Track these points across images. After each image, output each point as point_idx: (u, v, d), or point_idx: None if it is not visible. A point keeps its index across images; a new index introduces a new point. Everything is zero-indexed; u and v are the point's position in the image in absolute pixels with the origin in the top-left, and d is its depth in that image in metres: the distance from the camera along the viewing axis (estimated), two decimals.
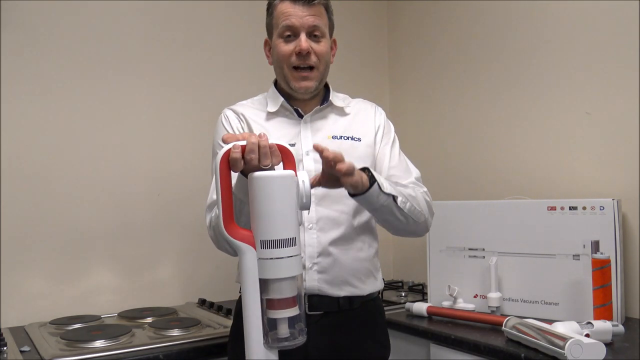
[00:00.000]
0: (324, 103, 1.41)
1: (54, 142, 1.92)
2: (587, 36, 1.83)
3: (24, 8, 1.87)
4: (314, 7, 1.32)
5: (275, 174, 0.99)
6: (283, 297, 0.96)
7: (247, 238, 0.98)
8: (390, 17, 2.65)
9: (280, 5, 1.33)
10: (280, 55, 1.34)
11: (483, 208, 1.84)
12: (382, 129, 1.45)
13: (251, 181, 0.98)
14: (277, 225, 0.96)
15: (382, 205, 1.23)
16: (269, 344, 0.97)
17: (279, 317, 0.96)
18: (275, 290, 0.96)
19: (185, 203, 2.11)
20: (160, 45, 2.11)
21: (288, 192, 0.98)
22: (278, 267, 0.96)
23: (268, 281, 0.96)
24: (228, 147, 1.00)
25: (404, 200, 1.26)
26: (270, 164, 1.00)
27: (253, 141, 0.99)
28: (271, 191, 0.97)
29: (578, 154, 1.86)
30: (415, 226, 1.32)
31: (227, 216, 0.99)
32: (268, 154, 1.00)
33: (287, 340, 0.97)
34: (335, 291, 1.33)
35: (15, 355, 1.45)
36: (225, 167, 0.99)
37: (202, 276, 2.15)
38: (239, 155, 0.99)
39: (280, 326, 0.97)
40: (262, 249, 0.96)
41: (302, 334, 0.99)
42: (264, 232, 0.96)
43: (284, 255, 0.96)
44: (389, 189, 1.22)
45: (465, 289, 1.83)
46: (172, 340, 1.55)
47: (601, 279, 1.54)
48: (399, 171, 1.41)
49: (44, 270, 1.89)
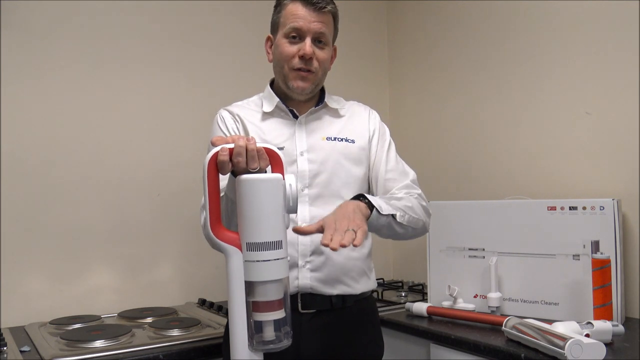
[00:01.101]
0: (318, 105, 1.43)
1: (53, 142, 1.92)
2: (587, 36, 1.83)
3: (24, 8, 1.87)
4: (323, 14, 1.33)
5: (262, 177, 0.99)
6: (268, 300, 0.97)
7: (233, 240, 0.98)
8: (390, 17, 2.65)
9: (290, 5, 1.34)
10: (283, 55, 1.35)
11: (483, 208, 1.84)
12: (377, 132, 1.46)
13: (238, 184, 0.99)
14: (263, 227, 0.97)
15: (382, 226, 1.26)
16: (254, 346, 0.97)
17: (265, 319, 0.97)
18: (261, 292, 0.97)
19: (185, 203, 2.11)
20: (161, 45, 2.11)
21: (275, 195, 0.98)
22: (263, 269, 0.96)
23: (253, 284, 0.97)
24: (216, 149, 1.00)
25: (402, 214, 1.28)
26: (258, 167, 1.01)
27: (241, 144, 1.00)
28: (258, 194, 0.97)
29: (578, 154, 1.86)
30: (414, 232, 1.35)
31: (214, 218, 1.00)
32: (255, 157, 1.00)
33: (273, 343, 0.97)
34: (328, 289, 1.34)
35: (15, 355, 1.45)
36: (213, 169, 1.00)
37: (202, 276, 2.15)
38: (227, 158, 0.99)
39: (266, 329, 0.97)
40: (248, 251, 0.97)
41: (288, 337, 0.99)
42: (250, 235, 0.97)
43: (270, 257, 0.96)
44: (387, 210, 1.24)
45: (465, 289, 1.83)
46: (172, 340, 1.55)
47: (601, 279, 1.54)
48: (396, 174, 1.43)
49: (44, 270, 1.89)
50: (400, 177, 1.42)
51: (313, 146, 1.38)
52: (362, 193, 1.27)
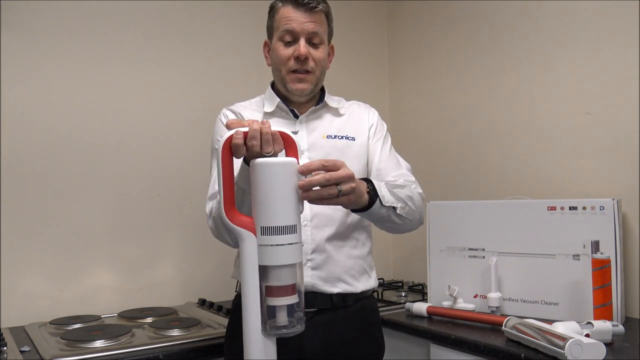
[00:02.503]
0: (319, 104, 1.44)
1: (53, 143, 1.92)
2: (587, 36, 1.83)
3: (24, 8, 1.87)
4: (315, 14, 1.34)
5: (277, 161, 0.99)
6: (282, 285, 0.96)
7: (248, 224, 0.98)
8: (390, 17, 2.65)
9: (282, 9, 1.36)
10: (279, 58, 1.36)
11: (483, 208, 1.84)
12: (374, 126, 1.48)
13: (253, 168, 0.98)
14: (277, 211, 0.96)
15: (382, 217, 1.26)
16: (267, 331, 0.97)
17: (278, 304, 0.96)
18: (275, 277, 0.96)
19: (185, 203, 2.11)
20: (162, 46, 2.11)
21: (289, 179, 0.98)
22: (278, 254, 0.96)
23: (267, 268, 0.97)
24: (230, 133, 1.00)
25: (403, 205, 1.29)
26: (272, 151, 1.00)
27: (255, 127, 0.99)
28: (272, 178, 0.97)
29: (578, 154, 1.86)
30: (410, 224, 1.35)
31: (228, 202, 1.00)
32: (270, 141, 1.00)
33: (286, 328, 0.97)
34: (328, 288, 1.34)
35: (15, 355, 1.45)
36: (227, 153, 1.00)
37: (202, 276, 2.15)
38: (241, 142, 0.99)
39: (279, 314, 0.97)
40: (262, 235, 0.96)
41: (301, 323, 0.99)
42: (265, 219, 0.96)
43: (284, 242, 0.96)
44: (389, 201, 1.25)
45: (465, 289, 1.83)
46: (172, 340, 1.55)
47: (601, 279, 1.53)
48: (389, 164, 1.44)
49: (44, 270, 1.89)
50: (393, 167, 1.44)
51: (314, 145, 1.40)
52: (369, 178, 1.27)
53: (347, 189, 1.07)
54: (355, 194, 1.11)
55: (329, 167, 1.05)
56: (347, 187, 1.07)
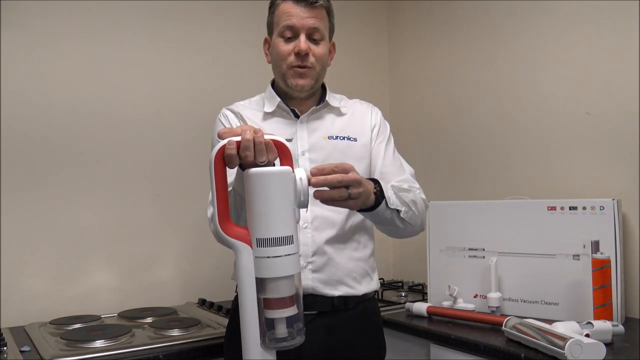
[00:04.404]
0: (320, 104, 1.42)
1: (53, 143, 1.92)
2: (587, 35, 1.83)
3: (24, 8, 1.87)
4: (315, 9, 1.33)
5: (271, 171, 0.96)
6: (280, 297, 0.94)
7: (243, 236, 0.95)
8: (390, 17, 2.65)
9: (282, 4, 1.34)
10: (280, 54, 1.35)
11: (483, 208, 1.84)
12: (377, 127, 1.46)
13: (247, 178, 0.96)
14: (273, 222, 0.93)
15: (385, 219, 1.26)
16: (266, 344, 0.95)
17: (277, 317, 0.94)
18: (272, 289, 0.94)
19: (185, 203, 2.11)
20: (161, 46, 2.12)
21: (285, 189, 0.95)
22: (275, 265, 0.93)
23: (265, 280, 0.94)
24: (223, 142, 0.97)
25: (407, 210, 1.28)
26: (267, 160, 0.98)
27: (248, 137, 0.96)
28: (267, 188, 0.94)
29: (578, 154, 1.86)
30: (412, 230, 1.35)
31: (223, 214, 0.97)
32: (264, 151, 0.97)
33: (285, 341, 0.95)
34: (329, 290, 1.33)
35: (15, 355, 1.45)
36: (220, 164, 0.97)
37: (202, 276, 2.15)
38: (234, 152, 0.96)
39: (278, 326, 0.94)
40: (258, 247, 0.94)
41: (301, 334, 0.96)
42: (260, 230, 0.94)
43: (280, 253, 0.93)
44: (395, 204, 1.24)
45: (465, 289, 1.83)
46: (172, 340, 1.55)
47: (601, 279, 1.53)
48: (393, 168, 1.43)
49: (44, 270, 1.89)
50: (397, 171, 1.42)
51: (314, 145, 1.38)
52: (376, 178, 1.27)
53: (356, 193, 1.10)
54: (362, 199, 1.13)
55: (339, 171, 1.06)
56: (356, 191, 1.09)
